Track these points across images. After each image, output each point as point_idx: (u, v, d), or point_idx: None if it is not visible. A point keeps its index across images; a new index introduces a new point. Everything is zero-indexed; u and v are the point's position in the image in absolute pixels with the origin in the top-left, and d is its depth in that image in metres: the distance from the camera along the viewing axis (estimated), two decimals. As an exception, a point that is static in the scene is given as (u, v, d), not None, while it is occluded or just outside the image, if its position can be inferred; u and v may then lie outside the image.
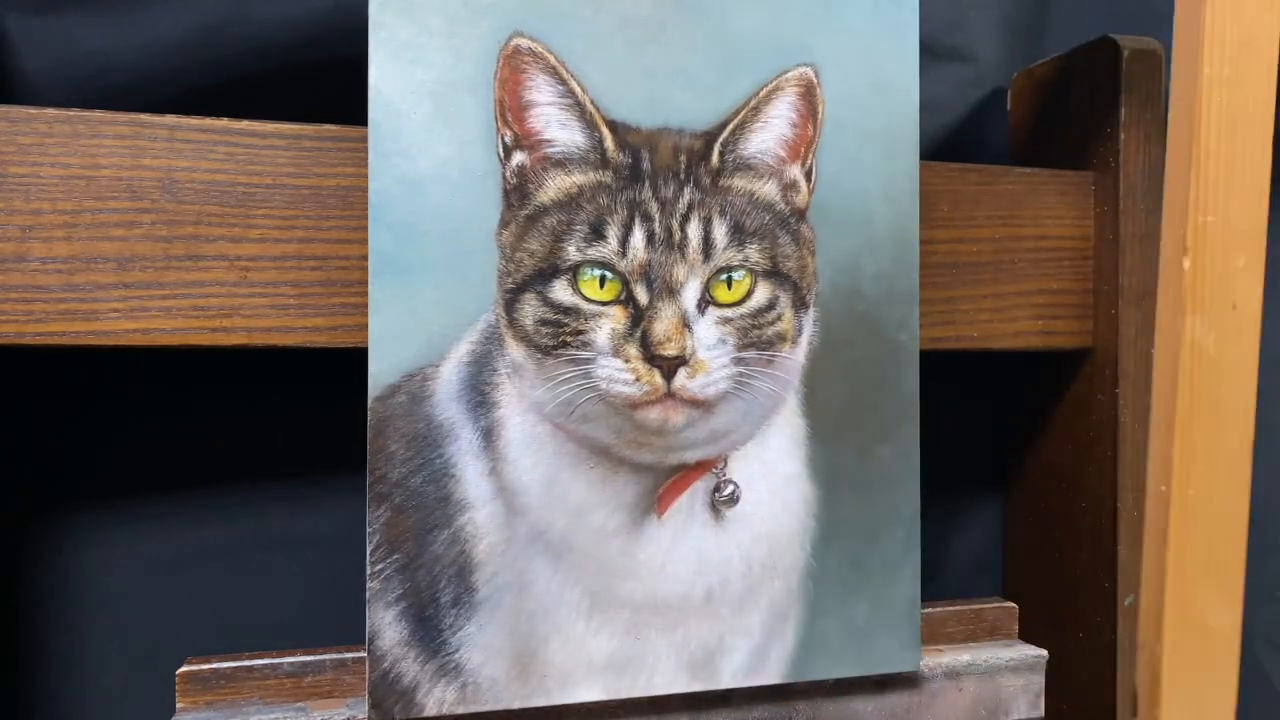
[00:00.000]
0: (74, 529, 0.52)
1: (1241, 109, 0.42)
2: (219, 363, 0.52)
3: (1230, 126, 0.42)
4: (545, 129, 0.43)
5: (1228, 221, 0.42)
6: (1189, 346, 0.41)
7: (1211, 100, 0.41)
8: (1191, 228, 0.41)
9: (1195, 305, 0.41)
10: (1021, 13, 0.65)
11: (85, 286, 0.41)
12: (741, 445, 0.46)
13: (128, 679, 0.52)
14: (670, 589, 0.45)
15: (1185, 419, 0.42)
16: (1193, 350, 0.42)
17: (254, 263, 0.43)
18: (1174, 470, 0.42)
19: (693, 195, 0.44)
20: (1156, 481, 0.42)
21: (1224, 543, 0.44)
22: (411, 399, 0.42)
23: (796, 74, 0.46)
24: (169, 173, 0.42)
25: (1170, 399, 0.42)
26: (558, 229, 0.43)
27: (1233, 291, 0.42)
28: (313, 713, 0.44)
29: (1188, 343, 0.41)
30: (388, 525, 0.42)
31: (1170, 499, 0.41)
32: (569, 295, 0.43)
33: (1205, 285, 0.42)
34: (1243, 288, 0.42)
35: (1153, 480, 0.43)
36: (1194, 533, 0.43)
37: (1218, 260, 0.42)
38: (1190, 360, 0.42)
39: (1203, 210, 0.42)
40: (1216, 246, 0.42)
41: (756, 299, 0.45)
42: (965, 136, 0.64)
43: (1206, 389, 0.42)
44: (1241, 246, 0.42)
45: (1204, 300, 0.42)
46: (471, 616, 0.43)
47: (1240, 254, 0.42)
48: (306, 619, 0.54)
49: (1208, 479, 0.42)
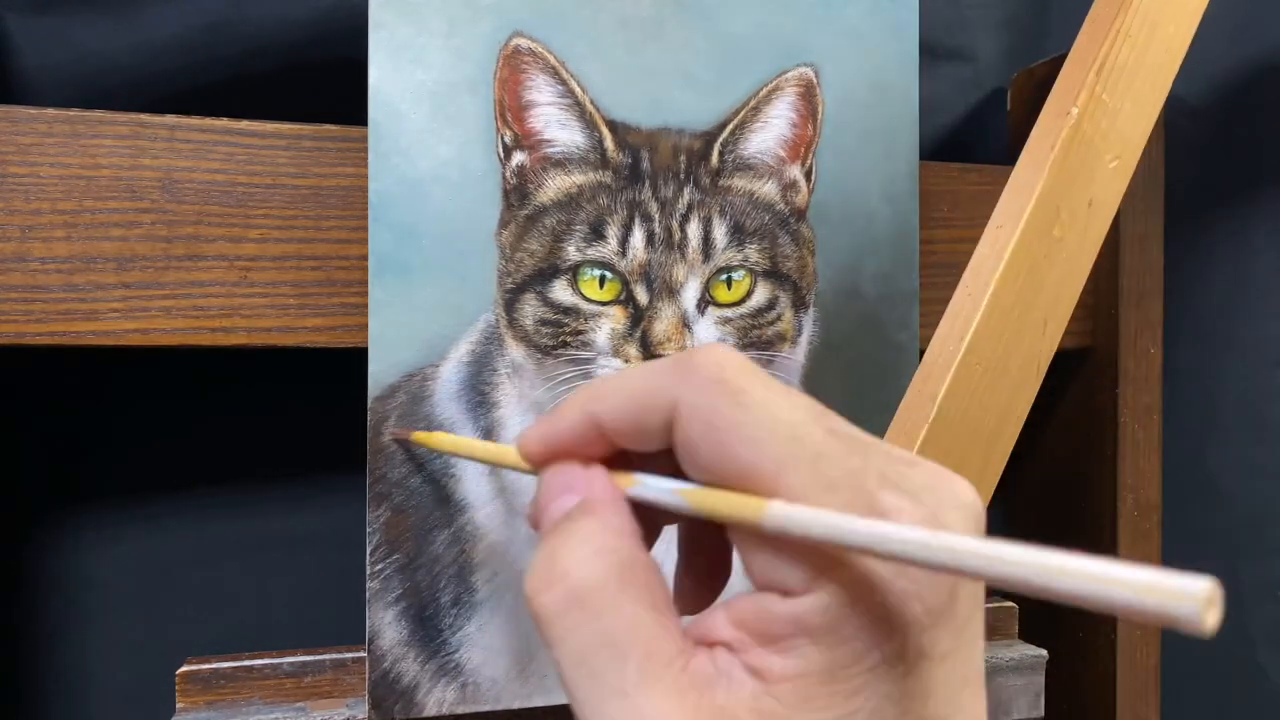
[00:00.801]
0: (74, 529, 0.52)
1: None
2: (219, 363, 0.52)
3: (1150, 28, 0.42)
4: (545, 129, 0.43)
5: (1114, 116, 0.42)
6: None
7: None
8: (1086, 94, 0.41)
9: (1055, 174, 0.41)
10: (1021, 13, 0.65)
11: (85, 286, 0.41)
12: (741, 445, 0.46)
13: (128, 679, 0.52)
14: (670, 589, 0.45)
15: (1000, 287, 0.40)
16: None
17: (254, 263, 0.43)
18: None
19: (692, 195, 0.44)
20: (944, 342, 0.40)
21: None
22: (411, 399, 0.42)
23: (796, 74, 0.46)
24: (169, 173, 0.42)
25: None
26: (558, 229, 0.43)
27: (1093, 187, 0.42)
28: (313, 713, 0.44)
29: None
30: (388, 525, 0.42)
31: (954, 364, 0.40)
32: (569, 295, 0.43)
33: (1072, 163, 0.41)
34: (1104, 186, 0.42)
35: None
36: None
37: (1089, 149, 0.41)
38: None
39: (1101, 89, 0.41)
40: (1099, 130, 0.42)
41: (756, 299, 0.44)
42: (965, 136, 0.64)
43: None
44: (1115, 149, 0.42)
45: (1066, 177, 0.41)
46: (471, 616, 0.43)
47: (1113, 156, 0.42)
48: (306, 619, 0.54)
49: (1000, 362, 0.41)
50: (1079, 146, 0.41)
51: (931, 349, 0.41)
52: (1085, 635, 0.58)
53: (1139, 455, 0.57)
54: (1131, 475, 0.57)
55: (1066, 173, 0.41)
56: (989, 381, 0.40)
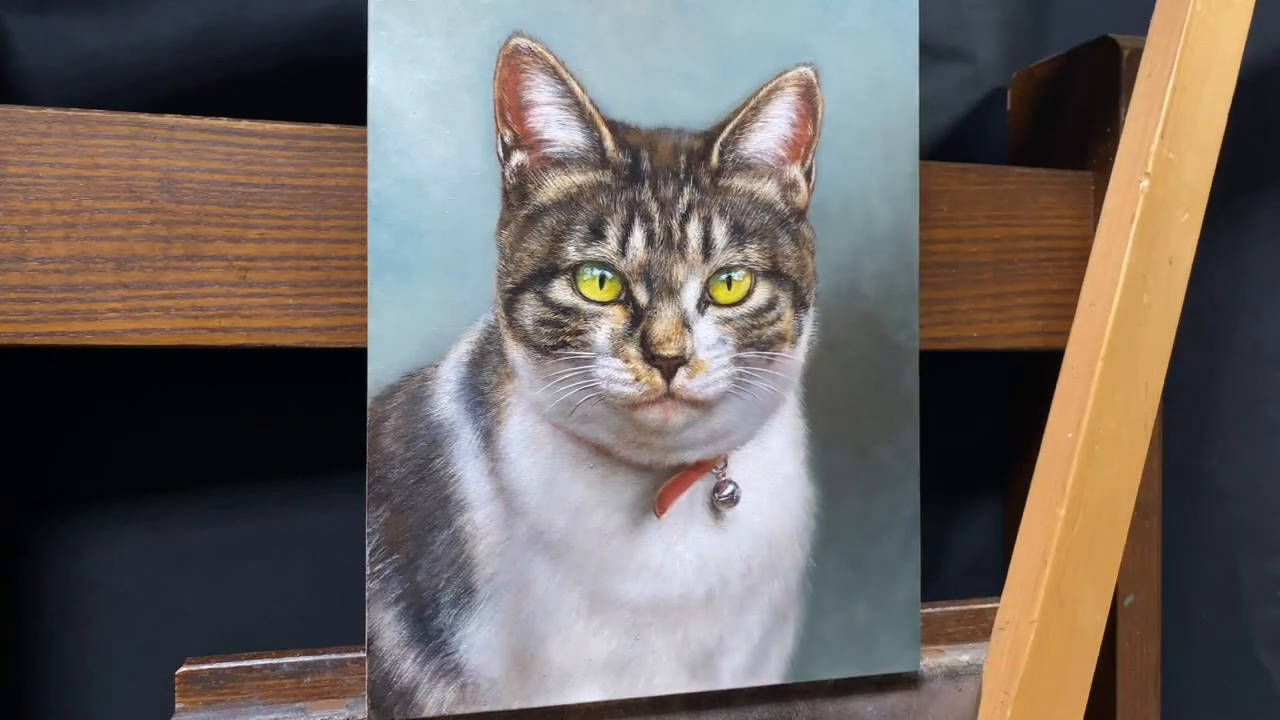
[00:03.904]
0: (74, 529, 0.52)
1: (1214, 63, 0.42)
2: (219, 363, 0.52)
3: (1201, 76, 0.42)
4: (545, 129, 0.43)
5: (1181, 171, 0.42)
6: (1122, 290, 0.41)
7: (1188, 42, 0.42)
8: (1155, 160, 0.41)
9: (1138, 244, 0.41)
10: (1021, 13, 0.65)
11: (84, 286, 0.41)
12: (741, 445, 0.46)
13: (128, 679, 0.52)
14: (670, 589, 0.45)
15: (1106, 366, 0.41)
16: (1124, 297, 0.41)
17: (253, 263, 0.43)
18: (1084, 419, 0.41)
19: (692, 195, 0.44)
20: (1062, 428, 0.41)
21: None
22: (411, 399, 0.42)
23: (796, 74, 0.46)
24: (168, 173, 0.42)
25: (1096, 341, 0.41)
26: (557, 229, 0.43)
27: (1170, 246, 0.42)
28: (312, 713, 0.44)
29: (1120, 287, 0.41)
30: (387, 525, 0.42)
31: (1076, 449, 0.41)
32: (568, 295, 0.43)
33: (1150, 230, 0.41)
34: (1179, 243, 0.42)
35: (1054, 425, 0.42)
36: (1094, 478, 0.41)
37: (1163, 212, 0.42)
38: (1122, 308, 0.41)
39: (1166, 145, 0.42)
40: (1165, 196, 0.42)
41: (756, 299, 0.44)
42: (965, 136, 0.64)
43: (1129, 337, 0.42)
44: (1187, 203, 0.42)
45: (1146, 244, 0.41)
46: (471, 616, 0.43)
47: (1184, 210, 0.42)
48: (306, 619, 0.54)
49: (1113, 435, 0.42)
50: (1154, 212, 0.42)
51: (1049, 436, 0.41)
52: (1085, 635, 0.58)
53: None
54: (1132, 475, 0.57)
55: (1146, 240, 0.42)
56: (1107, 455, 0.40)
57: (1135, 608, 0.57)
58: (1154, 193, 0.41)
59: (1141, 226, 0.41)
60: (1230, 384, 0.65)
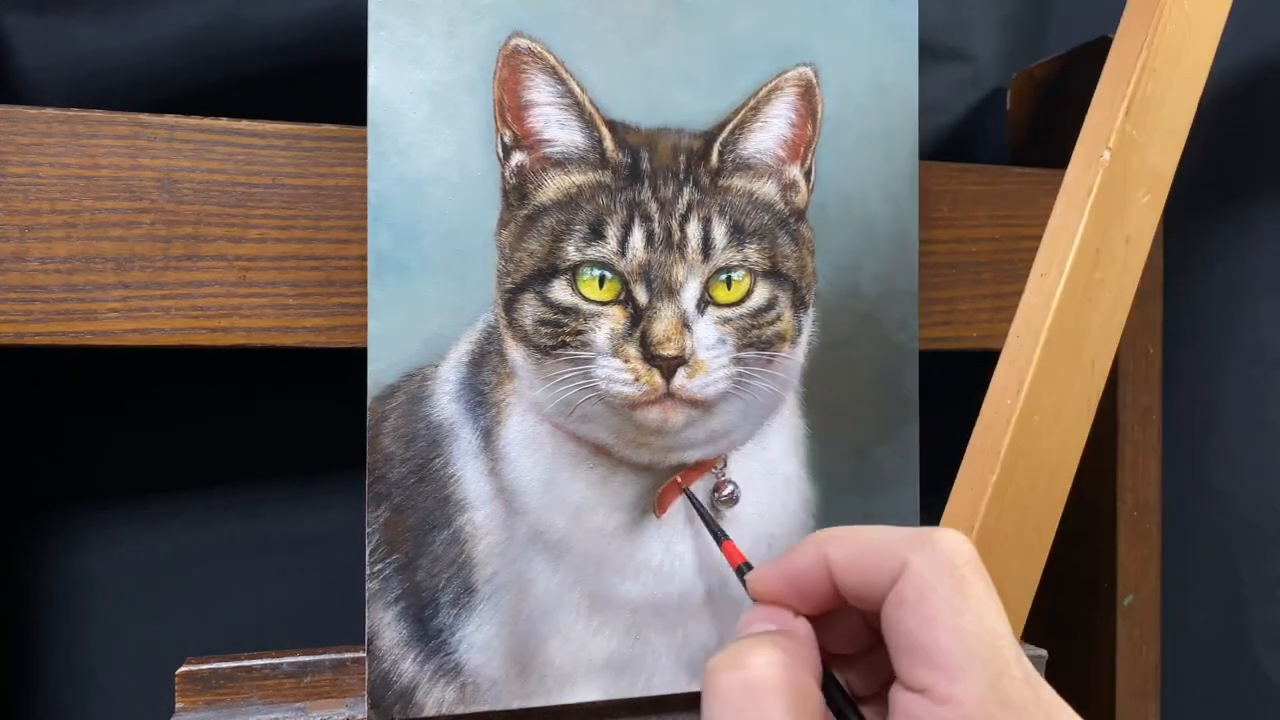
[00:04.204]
0: (74, 529, 0.52)
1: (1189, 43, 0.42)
2: (219, 363, 0.52)
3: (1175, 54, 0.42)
4: (544, 129, 0.43)
5: (1145, 151, 0.42)
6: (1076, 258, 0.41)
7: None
8: (1117, 135, 0.41)
9: (1094, 218, 0.41)
10: (1021, 13, 0.65)
11: (84, 286, 0.41)
12: (741, 445, 0.46)
13: (128, 679, 0.52)
14: (670, 589, 0.45)
15: (1051, 336, 0.40)
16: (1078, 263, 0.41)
17: (253, 263, 0.43)
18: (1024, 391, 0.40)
19: (692, 195, 0.44)
20: (1002, 394, 0.41)
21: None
22: (411, 399, 0.42)
23: (796, 74, 0.46)
24: (168, 173, 0.42)
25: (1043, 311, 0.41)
26: (557, 229, 0.43)
27: (1128, 224, 0.42)
28: (312, 713, 0.44)
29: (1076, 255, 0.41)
30: (387, 525, 0.42)
31: (1014, 416, 0.40)
32: (568, 295, 0.43)
33: (1107, 204, 0.41)
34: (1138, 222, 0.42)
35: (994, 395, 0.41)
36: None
37: (1123, 188, 0.41)
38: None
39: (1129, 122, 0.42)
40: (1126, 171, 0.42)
41: (756, 299, 0.44)
42: (965, 136, 0.64)
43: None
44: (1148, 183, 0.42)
45: (1103, 218, 0.41)
46: (471, 616, 0.43)
47: (1146, 191, 0.42)
48: (306, 619, 0.54)
49: (1054, 407, 0.41)
50: (1113, 187, 0.41)
51: (989, 402, 0.41)
52: (1085, 635, 0.58)
53: (1138, 455, 0.57)
54: (1131, 475, 0.57)
55: (1103, 215, 0.41)
56: (1046, 428, 0.40)
57: (1135, 608, 0.57)
58: (1114, 167, 0.41)
59: (1099, 200, 0.41)
60: (1230, 384, 0.65)
